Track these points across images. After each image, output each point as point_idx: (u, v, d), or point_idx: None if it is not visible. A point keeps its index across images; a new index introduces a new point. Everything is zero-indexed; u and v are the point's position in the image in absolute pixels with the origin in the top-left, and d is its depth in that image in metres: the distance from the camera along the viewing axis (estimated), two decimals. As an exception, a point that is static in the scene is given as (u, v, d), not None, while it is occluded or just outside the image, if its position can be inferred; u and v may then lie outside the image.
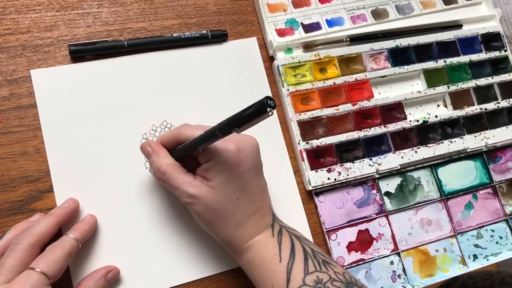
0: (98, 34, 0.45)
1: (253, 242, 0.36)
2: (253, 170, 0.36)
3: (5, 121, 0.41)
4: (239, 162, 0.35)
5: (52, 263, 0.33)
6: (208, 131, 0.33)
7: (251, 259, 0.36)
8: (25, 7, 0.44)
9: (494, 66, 0.55)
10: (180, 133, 0.37)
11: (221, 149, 0.35)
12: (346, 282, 0.34)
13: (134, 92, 0.45)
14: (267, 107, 0.26)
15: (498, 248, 0.50)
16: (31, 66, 0.42)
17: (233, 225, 0.35)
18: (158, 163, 0.37)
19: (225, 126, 0.30)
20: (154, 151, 0.38)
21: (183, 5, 0.49)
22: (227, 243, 0.37)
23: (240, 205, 0.35)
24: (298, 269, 0.34)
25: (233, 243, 0.36)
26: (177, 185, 0.35)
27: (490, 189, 0.52)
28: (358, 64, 0.50)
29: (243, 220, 0.36)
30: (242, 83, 0.48)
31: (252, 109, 0.27)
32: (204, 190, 0.35)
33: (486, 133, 0.52)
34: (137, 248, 0.41)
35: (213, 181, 0.35)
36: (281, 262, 0.35)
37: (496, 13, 0.56)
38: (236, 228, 0.36)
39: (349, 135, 0.48)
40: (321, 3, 0.52)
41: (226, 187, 0.35)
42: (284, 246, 0.36)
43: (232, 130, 0.29)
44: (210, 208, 0.35)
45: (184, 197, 0.35)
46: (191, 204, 0.35)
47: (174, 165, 0.36)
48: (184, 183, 0.35)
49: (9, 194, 0.39)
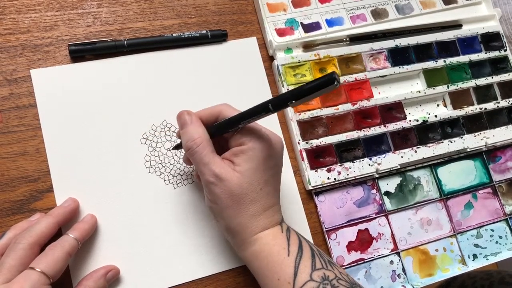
0: (98, 34, 0.45)
1: (262, 235, 0.36)
2: (277, 167, 0.37)
3: (5, 120, 0.41)
4: (269, 155, 0.35)
5: (52, 263, 0.33)
6: (259, 105, 0.33)
7: (258, 251, 0.36)
8: (25, 7, 0.44)
9: (494, 66, 0.55)
10: (221, 110, 0.37)
11: (256, 137, 0.35)
12: (350, 283, 0.35)
13: (134, 92, 0.45)
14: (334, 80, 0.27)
15: (498, 247, 0.50)
16: (31, 66, 0.42)
17: (249, 214, 0.35)
18: (195, 134, 0.35)
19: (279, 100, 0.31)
20: (192, 121, 0.36)
21: (183, 5, 0.49)
22: (237, 231, 0.36)
23: (260, 196, 0.35)
24: (306, 264, 0.34)
25: (243, 232, 0.36)
26: (207, 161, 0.35)
27: (489, 188, 0.52)
28: (358, 64, 0.50)
29: (259, 212, 0.36)
30: (242, 82, 0.48)
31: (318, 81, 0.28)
32: (230, 173, 0.34)
33: (486, 133, 0.52)
34: (137, 248, 0.41)
35: (241, 167, 0.35)
36: (289, 256, 0.35)
37: (496, 13, 0.56)
38: (250, 218, 0.35)
39: (348, 135, 0.48)
40: (321, 3, 0.52)
41: (253, 176, 0.35)
42: (292, 242, 0.36)
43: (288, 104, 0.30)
44: (232, 193, 0.34)
45: (209, 175, 0.35)
46: (213, 185, 0.35)
47: (209, 141, 0.36)
48: (213, 161, 0.35)
49: (9, 193, 0.39)
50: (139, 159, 0.43)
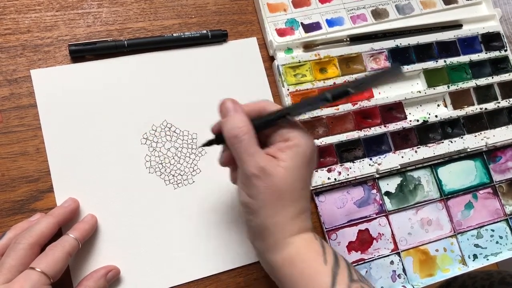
0: (98, 34, 0.45)
1: (298, 238, 0.33)
2: (313, 171, 0.36)
3: (5, 121, 0.41)
4: (312, 157, 0.34)
5: (52, 263, 0.33)
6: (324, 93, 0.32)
7: (292, 254, 0.33)
8: (25, 7, 0.44)
9: (494, 66, 0.55)
10: (265, 106, 0.35)
11: (302, 134, 0.33)
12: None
13: (134, 92, 0.45)
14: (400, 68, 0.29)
15: (498, 248, 0.50)
16: (31, 66, 0.42)
17: (288, 215, 0.33)
18: (241, 122, 0.33)
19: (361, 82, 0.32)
20: (237, 109, 0.34)
21: (183, 5, 0.49)
22: (272, 232, 0.33)
23: (301, 197, 0.33)
24: (344, 275, 0.32)
25: (278, 233, 0.33)
26: (253, 151, 0.32)
27: (490, 189, 0.52)
28: (358, 64, 0.50)
29: (297, 213, 0.33)
30: (242, 83, 0.48)
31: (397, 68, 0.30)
32: (276, 168, 0.32)
33: (486, 133, 0.52)
34: (137, 248, 0.41)
35: (287, 162, 0.32)
36: (326, 264, 0.32)
37: (496, 13, 0.56)
38: (288, 219, 0.33)
39: (349, 135, 0.48)
40: (321, 3, 0.52)
41: (298, 173, 0.33)
42: (328, 251, 0.33)
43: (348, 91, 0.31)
44: (276, 188, 0.32)
45: (254, 167, 0.32)
46: (257, 178, 0.32)
47: (253, 132, 0.33)
48: (259, 153, 0.32)
49: (9, 194, 0.39)
50: (139, 159, 0.43)
